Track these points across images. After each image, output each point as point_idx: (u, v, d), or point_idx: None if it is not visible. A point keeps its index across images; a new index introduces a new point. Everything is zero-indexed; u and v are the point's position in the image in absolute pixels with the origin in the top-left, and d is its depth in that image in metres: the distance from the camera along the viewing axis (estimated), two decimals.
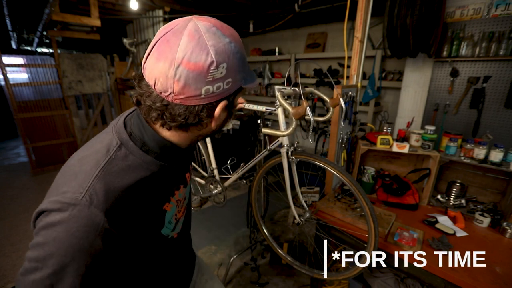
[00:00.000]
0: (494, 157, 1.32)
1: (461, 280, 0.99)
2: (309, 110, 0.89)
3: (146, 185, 0.50)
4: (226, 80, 0.47)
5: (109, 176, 0.45)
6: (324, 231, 1.37)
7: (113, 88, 4.33)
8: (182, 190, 0.63)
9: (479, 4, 1.79)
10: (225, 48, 0.45)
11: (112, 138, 0.50)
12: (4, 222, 2.59)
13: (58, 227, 0.42)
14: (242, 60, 0.48)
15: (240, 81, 0.50)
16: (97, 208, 0.42)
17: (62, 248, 0.41)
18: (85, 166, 0.46)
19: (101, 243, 0.43)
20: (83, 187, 0.43)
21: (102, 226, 0.43)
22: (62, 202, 0.43)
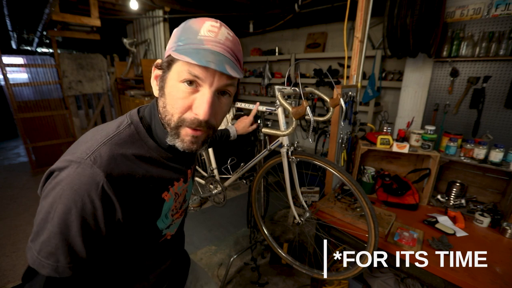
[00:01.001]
0: (494, 157, 1.32)
1: (461, 280, 0.99)
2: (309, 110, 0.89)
3: (145, 163, 0.53)
4: (169, 41, 0.53)
5: (115, 145, 0.49)
6: (324, 231, 1.37)
7: (113, 88, 4.34)
8: (181, 184, 0.63)
9: (479, 4, 1.80)
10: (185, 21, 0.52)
11: (124, 119, 0.56)
12: (4, 222, 2.59)
13: (64, 183, 0.45)
14: (183, 28, 0.50)
15: (172, 47, 0.50)
16: (99, 168, 0.46)
17: (67, 203, 0.44)
18: (96, 136, 0.51)
19: (101, 205, 0.46)
20: (90, 149, 0.48)
21: (101, 186, 0.45)
22: (69, 160, 0.47)
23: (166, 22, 3.63)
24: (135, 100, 3.85)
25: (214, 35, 0.48)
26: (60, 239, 0.44)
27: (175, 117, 0.50)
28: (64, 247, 0.45)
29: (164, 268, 0.69)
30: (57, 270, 0.45)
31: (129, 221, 0.52)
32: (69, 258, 0.45)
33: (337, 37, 3.68)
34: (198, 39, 0.47)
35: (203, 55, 0.45)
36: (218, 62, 0.45)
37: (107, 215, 0.47)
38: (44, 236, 0.45)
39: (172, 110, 0.50)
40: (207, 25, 0.48)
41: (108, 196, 0.46)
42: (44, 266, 0.44)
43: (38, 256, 0.45)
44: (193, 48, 0.47)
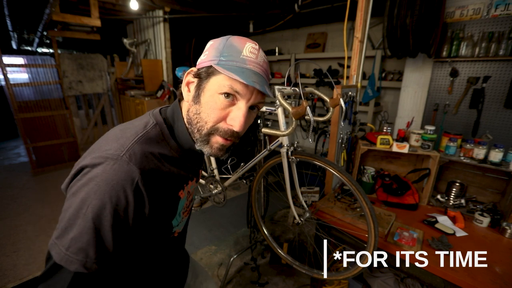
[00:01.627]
0: (494, 157, 1.32)
1: (461, 280, 0.99)
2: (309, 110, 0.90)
3: (171, 162, 0.57)
4: (205, 52, 0.56)
5: (144, 144, 0.52)
6: (324, 231, 1.37)
7: (113, 88, 4.34)
8: (194, 183, 0.67)
9: (478, 4, 1.80)
10: (222, 37, 0.56)
11: (149, 119, 0.58)
12: (4, 222, 2.60)
13: (99, 179, 0.46)
14: (225, 44, 0.53)
15: (214, 59, 0.53)
16: (135, 165, 0.48)
17: (102, 199, 0.45)
18: (126, 133, 0.53)
19: (133, 200, 0.48)
20: (124, 147, 0.50)
21: (136, 182, 0.48)
22: (104, 157, 0.48)
23: (166, 22, 3.63)
24: (135, 100, 3.86)
25: (255, 57, 0.54)
26: (92, 234, 0.45)
27: (209, 125, 0.54)
28: (95, 242, 0.45)
29: (169, 263, 0.71)
30: (85, 265, 0.45)
31: (152, 217, 0.54)
32: (98, 253, 0.46)
33: (337, 37, 3.68)
34: (241, 58, 0.52)
35: (248, 75, 0.50)
36: (260, 83, 0.51)
37: (137, 210, 0.49)
38: (74, 233, 0.45)
39: (207, 118, 0.54)
40: (249, 47, 0.53)
41: (141, 192, 0.49)
42: (73, 262, 0.45)
43: (66, 252, 0.45)
44: (237, 66, 0.51)
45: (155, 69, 3.87)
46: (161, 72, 3.93)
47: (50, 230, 2.48)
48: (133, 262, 0.60)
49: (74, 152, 4.19)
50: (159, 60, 3.89)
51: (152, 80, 3.86)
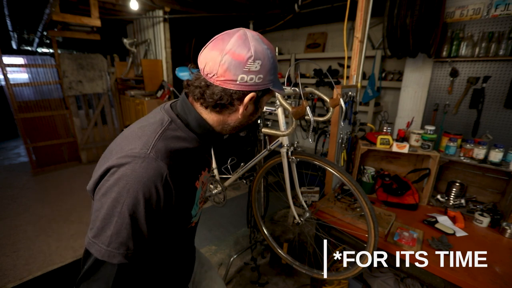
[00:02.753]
0: (494, 157, 1.32)
1: (461, 280, 0.99)
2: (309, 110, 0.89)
3: (189, 155, 0.61)
4: (258, 75, 0.56)
5: (166, 140, 0.56)
6: (324, 231, 1.37)
7: (113, 88, 4.34)
8: (206, 174, 0.71)
9: (478, 4, 1.80)
10: (263, 50, 0.55)
11: (163, 116, 0.61)
12: (4, 222, 2.60)
13: (129, 177, 0.49)
14: (274, 65, 0.58)
15: (269, 83, 0.58)
16: (162, 161, 0.52)
17: (135, 196, 0.49)
18: (146, 131, 0.56)
19: (163, 193, 0.52)
20: (148, 145, 0.53)
21: (165, 177, 0.52)
22: (131, 156, 0.51)
23: (166, 22, 3.63)
24: (135, 100, 3.85)
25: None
26: (130, 229, 0.49)
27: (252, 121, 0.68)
28: (133, 235, 0.50)
29: (184, 251, 0.77)
30: (127, 256, 0.50)
31: (176, 208, 0.58)
32: (136, 244, 0.51)
33: (337, 37, 3.68)
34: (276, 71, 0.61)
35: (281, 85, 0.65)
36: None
37: (166, 202, 0.54)
38: (112, 230, 0.49)
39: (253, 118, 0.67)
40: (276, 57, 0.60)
41: (169, 185, 0.53)
42: (116, 255, 0.49)
43: (108, 248, 0.49)
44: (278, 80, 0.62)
45: (155, 69, 3.87)
46: (161, 72, 3.93)
47: (50, 230, 2.48)
48: (155, 248, 0.63)
49: (74, 152, 4.19)
50: (159, 60, 3.89)
51: (152, 80, 3.86)
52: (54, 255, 2.15)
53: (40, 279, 1.91)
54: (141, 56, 4.30)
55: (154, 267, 0.66)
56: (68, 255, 2.16)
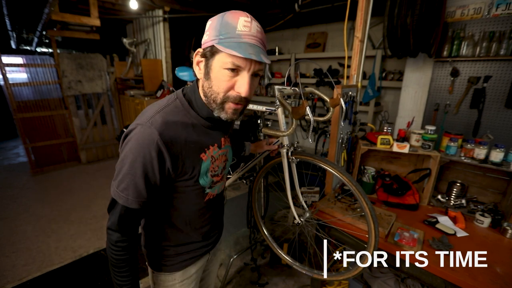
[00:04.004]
0: (495, 157, 1.31)
1: (461, 280, 0.98)
2: (309, 110, 0.89)
3: (188, 128, 0.69)
4: (207, 32, 0.64)
5: (165, 113, 0.67)
6: (324, 231, 1.36)
7: (113, 88, 4.33)
8: (216, 149, 0.78)
9: (479, 3, 1.79)
10: (218, 14, 0.63)
11: (172, 95, 0.73)
12: (4, 222, 2.59)
13: (133, 139, 0.63)
14: (221, 23, 0.60)
15: (214, 39, 0.61)
16: (155, 128, 0.63)
17: (134, 153, 0.62)
18: (153, 108, 0.69)
19: (156, 157, 0.63)
20: (149, 117, 0.65)
21: (156, 141, 0.62)
22: (136, 124, 0.65)
23: (166, 22, 3.62)
24: (135, 100, 3.85)
25: (249, 30, 0.60)
26: (130, 179, 0.63)
27: (221, 95, 0.65)
28: (132, 185, 0.63)
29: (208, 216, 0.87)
30: (127, 201, 0.64)
31: (178, 173, 0.69)
32: (135, 193, 0.64)
33: (337, 37, 3.68)
34: (237, 34, 0.59)
35: (244, 48, 0.58)
36: (256, 53, 0.58)
37: (161, 165, 0.65)
38: (120, 176, 0.64)
39: (218, 90, 0.65)
40: (242, 21, 0.60)
41: (161, 150, 0.63)
42: (120, 197, 0.64)
43: (116, 189, 0.64)
44: (234, 42, 0.59)
45: (154, 69, 3.86)
46: (161, 72, 3.92)
47: (50, 231, 2.47)
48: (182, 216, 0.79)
49: (73, 152, 4.18)
50: (159, 60, 3.89)
51: (152, 80, 3.86)
52: (53, 255, 2.15)
53: (39, 280, 1.91)
54: (140, 56, 4.29)
55: (179, 230, 0.81)
56: (67, 255, 2.15)
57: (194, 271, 0.90)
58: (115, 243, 0.67)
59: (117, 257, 0.68)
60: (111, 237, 0.67)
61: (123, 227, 0.66)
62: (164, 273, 0.84)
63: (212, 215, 0.89)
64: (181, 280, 0.87)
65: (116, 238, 0.66)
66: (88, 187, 3.39)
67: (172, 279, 0.85)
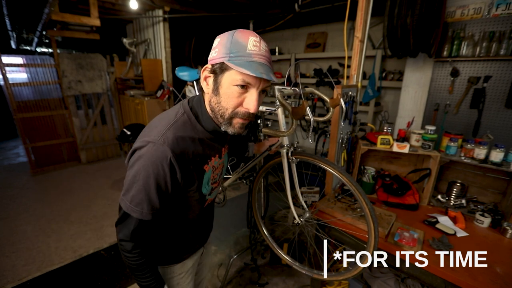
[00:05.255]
0: (495, 157, 1.31)
1: (462, 280, 0.98)
2: (309, 110, 0.89)
3: (196, 142, 0.73)
4: (215, 49, 0.65)
5: (175, 129, 0.69)
6: (324, 231, 1.36)
7: (113, 88, 4.33)
8: (217, 159, 0.82)
9: (479, 3, 1.79)
10: (227, 33, 0.65)
11: (179, 108, 0.75)
12: (3, 222, 2.59)
13: (145, 156, 0.65)
14: (232, 42, 0.62)
15: (224, 57, 0.63)
16: (167, 146, 0.65)
17: (148, 170, 0.64)
18: (162, 122, 0.70)
19: (169, 172, 0.66)
20: (160, 133, 0.67)
21: (169, 159, 0.65)
22: (147, 141, 0.66)
23: (166, 22, 3.62)
24: (134, 100, 3.85)
25: (258, 49, 0.63)
26: (144, 194, 0.65)
27: (229, 111, 0.67)
28: (147, 200, 0.66)
29: (205, 221, 0.95)
30: (142, 214, 0.67)
31: (185, 185, 0.73)
32: (150, 207, 0.67)
33: (337, 37, 3.68)
34: (247, 53, 0.62)
35: (255, 67, 0.60)
36: (266, 72, 0.61)
37: (172, 179, 0.68)
38: (133, 192, 0.66)
39: (227, 106, 0.67)
40: (252, 40, 0.62)
41: (173, 165, 0.66)
42: (134, 211, 0.66)
43: (130, 204, 0.66)
44: (245, 60, 0.61)
45: (154, 69, 3.86)
46: (161, 72, 3.92)
47: (50, 231, 2.47)
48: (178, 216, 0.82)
49: (73, 152, 4.18)
50: (159, 60, 3.88)
51: (152, 80, 3.85)
52: (53, 255, 2.15)
53: (39, 280, 1.91)
54: (140, 56, 4.29)
55: (180, 230, 0.85)
56: (67, 255, 2.15)
57: (191, 265, 0.95)
58: (130, 252, 0.70)
59: (135, 262, 0.71)
60: (125, 247, 0.69)
61: (136, 237, 0.69)
62: (163, 266, 0.88)
63: (208, 216, 0.97)
64: (179, 273, 0.91)
65: (130, 247, 0.69)
66: (88, 187, 3.39)
67: (170, 271, 0.90)
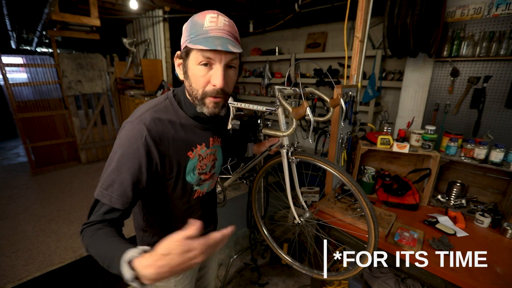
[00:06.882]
0: (495, 157, 1.31)
1: (462, 280, 0.98)
2: (309, 110, 0.89)
3: (176, 126, 0.73)
4: (183, 35, 0.67)
5: (155, 112, 0.70)
6: (324, 231, 1.36)
7: (113, 88, 4.33)
8: (204, 148, 0.81)
9: (479, 3, 1.79)
10: (190, 18, 0.66)
11: (163, 95, 0.77)
12: (3, 222, 2.59)
13: (123, 135, 0.66)
14: (191, 24, 0.64)
15: (186, 40, 0.64)
16: (143, 124, 0.66)
17: (123, 148, 0.64)
18: (145, 106, 0.73)
19: (144, 152, 0.65)
20: (139, 114, 0.69)
21: (144, 136, 0.65)
22: (127, 121, 0.69)
23: (166, 22, 3.62)
24: (135, 100, 3.85)
25: (215, 24, 0.63)
26: (116, 174, 0.63)
27: (200, 91, 0.68)
28: (118, 181, 0.63)
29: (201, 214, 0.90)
30: (111, 200, 0.62)
31: (165, 169, 0.72)
32: (120, 191, 0.63)
33: (337, 37, 3.68)
34: (204, 30, 0.62)
35: (211, 42, 0.60)
36: (222, 44, 0.60)
37: (148, 162, 0.66)
38: (106, 173, 0.64)
39: (197, 86, 0.68)
40: (208, 17, 0.63)
41: (149, 145, 0.66)
42: (104, 196, 0.62)
43: (100, 188, 0.63)
44: (202, 37, 0.62)
45: (154, 69, 3.86)
46: (161, 72, 3.92)
47: (49, 231, 2.47)
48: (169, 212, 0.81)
49: (73, 152, 4.18)
50: (159, 60, 3.88)
51: (152, 80, 3.85)
52: (53, 255, 2.15)
53: (39, 280, 1.91)
54: (140, 55, 4.29)
55: (169, 224, 0.83)
56: (67, 255, 2.15)
57: None
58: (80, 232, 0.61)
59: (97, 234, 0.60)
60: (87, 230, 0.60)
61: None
62: None
63: (204, 212, 0.92)
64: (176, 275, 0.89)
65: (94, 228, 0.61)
66: (88, 187, 3.39)
67: None
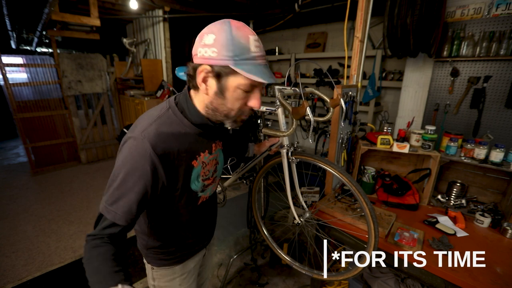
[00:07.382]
0: (495, 157, 1.31)
1: (462, 280, 0.98)
2: (309, 110, 0.89)
3: (181, 137, 0.70)
4: (212, 49, 0.60)
5: (158, 125, 0.67)
6: (324, 231, 1.36)
7: (113, 88, 4.33)
8: (207, 155, 0.80)
9: (479, 3, 1.79)
10: (220, 27, 0.60)
11: (165, 105, 0.74)
12: (3, 222, 2.59)
13: (126, 152, 0.63)
14: (233, 42, 0.58)
15: (228, 60, 0.59)
16: (148, 141, 0.63)
17: (127, 165, 0.62)
18: (147, 117, 0.70)
19: (149, 168, 0.63)
20: (142, 129, 0.66)
21: (149, 154, 0.63)
22: (129, 137, 0.66)
23: (166, 22, 3.62)
24: (134, 100, 3.85)
25: (259, 50, 0.62)
26: (120, 192, 0.62)
27: (235, 111, 0.68)
28: (123, 199, 0.62)
29: (204, 217, 0.92)
30: (115, 217, 0.61)
31: (171, 183, 0.70)
32: (125, 208, 0.62)
33: (337, 37, 3.68)
34: (251, 56, 0.60)
35: (262, 72, 0.61)
36: (271, 76, 0.63)
37: (154, 180, 0.64)
38: (110, 190, 0.63)
39: (233, 107, 0.67)
40: (253, 41, 0.61)
41: (154, 162, 0.63)
42: (109, 211, 0.62)
43: (105, 204, 0.62)
44: (252, 65, 0.60)
45: (154, 69, 3.86)
46: (161, 72, 3.92)
47: (49, 231, 2.47)
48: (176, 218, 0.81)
49: (73, 152, 4.18)
50: (159, 60, 3.88)
51: (152, 80, 3.85)
52: (53, 255, 2.15)
53: (39, 280, 1.91)
54: (140, 55, 4.29)
55: (176, 230, 0.84)
56: (67, 255, 2.15)
57: (193, 266, 0.95)
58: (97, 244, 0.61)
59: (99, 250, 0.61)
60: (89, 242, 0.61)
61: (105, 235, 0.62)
62: (165, 268, 0.87)
63: (206, 215, 0.94)
64: (181, 274, 0.91)
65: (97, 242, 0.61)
66: (88, 187, 3.39)
67: (172, 273, 0.89)
